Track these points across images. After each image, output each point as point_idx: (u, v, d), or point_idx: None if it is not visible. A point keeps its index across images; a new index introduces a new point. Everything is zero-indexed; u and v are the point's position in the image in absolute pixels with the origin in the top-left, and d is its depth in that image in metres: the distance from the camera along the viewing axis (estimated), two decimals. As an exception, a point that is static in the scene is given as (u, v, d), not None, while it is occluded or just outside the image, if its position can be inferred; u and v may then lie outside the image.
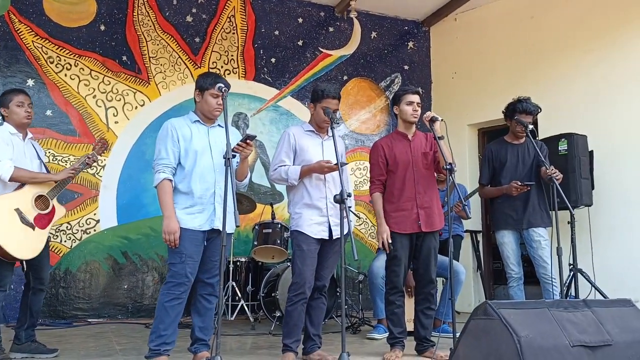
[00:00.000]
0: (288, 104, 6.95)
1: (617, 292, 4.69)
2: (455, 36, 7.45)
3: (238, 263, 5.73)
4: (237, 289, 5.52)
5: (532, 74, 6.38)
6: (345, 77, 7.25)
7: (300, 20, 7.12)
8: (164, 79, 6.38)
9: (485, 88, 6.87)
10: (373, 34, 7.48)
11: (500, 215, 4.52)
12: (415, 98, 3.95)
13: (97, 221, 5.95)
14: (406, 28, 7.68)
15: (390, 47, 7.56)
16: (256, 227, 5.56)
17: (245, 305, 5.48)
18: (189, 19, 6.58)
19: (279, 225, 5.47)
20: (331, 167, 3.62)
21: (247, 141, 3.37)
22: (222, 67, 6.66)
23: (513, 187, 4.32)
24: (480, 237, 6.90)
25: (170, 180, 3.39)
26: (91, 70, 6.09)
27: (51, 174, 3.93)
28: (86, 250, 5.88)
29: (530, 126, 4.30)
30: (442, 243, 4.32)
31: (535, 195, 4.42)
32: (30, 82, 5.81)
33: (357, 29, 7.37)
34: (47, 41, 5.93)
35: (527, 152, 4.50)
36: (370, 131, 7.35)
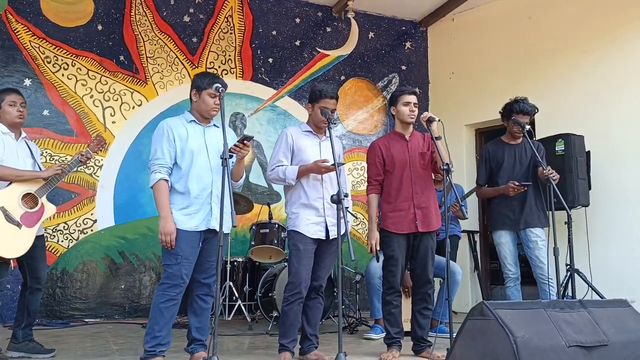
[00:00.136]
0: (285, 104, 6.95)
1: (614, 293, 4.71)
2: (452, 36, 7.46)
3: (235, 263, 5.73)
4: (235, 289, 5.52)
5: (530, 75, 6.38)
6: (342, 77, 7.25)
7: (297, 20, 7.12)
8: (162, 79, 6.38)
9: (482, 88, 6.87)
10: (370, 34, 7.48)
11: (497, 215, 4.52)
12: (412, 99, 3.96)
13: (94, 221, 5.95)
14: (404, 28, 7.69)
15: (387, 47, 7.57)
16: (253, 227, 5.56)
17: (242, 305, 5.47)
18: (187, 19, 6.58)
19: (276, 225, 5.47)
20: (328, 168, 3.61)
21: (244, 142, 3.36)
22: (220, 67, 6.65)
23: (510, 188, 4.32)
24: (477, 238, 6.91)
25: (166, 180, 3.37)
26: (88, 70, 6.08)
27: (38, 172, 3.86)
28: (83, 250, 5.88)
29: (527, 126, 4.31)
30: (439, 243, 4.32)
31: (532, 195, 4.42)
32: (27, 82, 5.80)
33: (355, 29, 7.37)
34: (45, 41, 5.92)
35: (524, 153, 4.50)
36: (367, 131, 7.35)
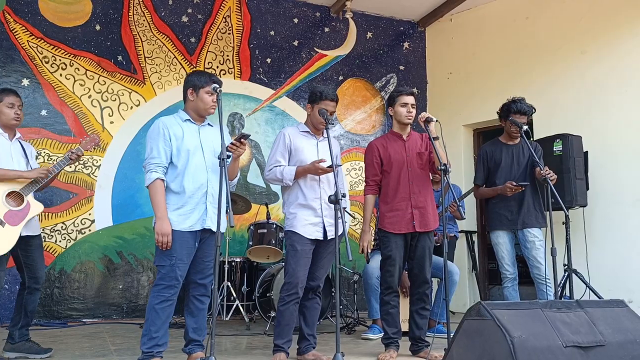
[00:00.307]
0: (283, 104, 6.95)
1: (612, 293, 4.73)
2: (450, 37, 7.46)
3: (233, 263, 5.72)
4: (232, 289, 5.51)
5: (528, 75, 6.39)
6: (340, 78, 7.26)
7: (295, 20, 7.12)
8: (160, 79, 6.38)
9: (480, 88, 6.88)
10: (369, 34, 7.48)
11: (495, 215, 4.52)
12: (409, 99, 3.96)
13: (92, 221, 5.94)
14: (402, 28, 7.69)
15: (385, 48, 7.57)
16: (251, 227, 5.56)
17: (240, 305, 5.47)
18: (185, 19, 6.58)
19: (274, 225, 5.48)
20: (325, 170, 3.61)
21: (241, 140, 3.35)
22: (218, 67, 6.65)
23: (507, 188, 4.32)
24: (475, 238, 6.92)
25: (162, 179, 3.35)
26: (86, 70, 6.08)
27: (22, 171, 3.82)
28: (81, 250, 5.87)
29: (524, 127, 4.31)
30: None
31: (530, 195, 4.42)
32: (25, 82, 5.79)
33: (353, 30, 7.38)
34: (43, 41, 5.92)
35: (522, 153, 4.50)
36: (365, 131, 7.35)
